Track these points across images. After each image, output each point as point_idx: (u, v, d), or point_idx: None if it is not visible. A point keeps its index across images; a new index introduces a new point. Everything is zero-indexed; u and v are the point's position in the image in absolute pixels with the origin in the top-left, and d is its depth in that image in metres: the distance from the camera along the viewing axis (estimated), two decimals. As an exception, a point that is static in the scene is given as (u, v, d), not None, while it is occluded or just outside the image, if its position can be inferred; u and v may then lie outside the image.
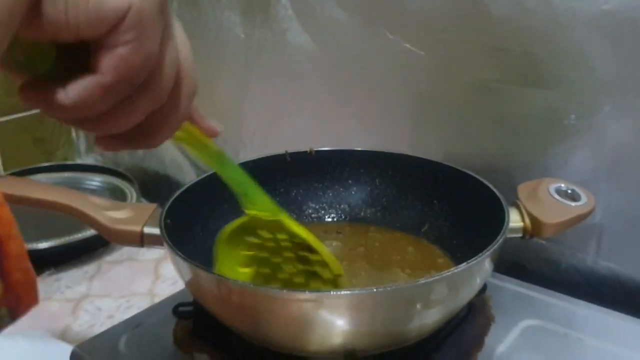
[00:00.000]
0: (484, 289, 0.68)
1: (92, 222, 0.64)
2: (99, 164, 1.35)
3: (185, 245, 0.66)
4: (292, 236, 0.57)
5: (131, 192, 1.18)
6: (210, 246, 0.71)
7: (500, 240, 0.58)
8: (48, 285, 1.04)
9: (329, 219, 0.81)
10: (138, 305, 0.95)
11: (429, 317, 0.56)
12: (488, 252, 0.56)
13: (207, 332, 0.65)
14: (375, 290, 0.51)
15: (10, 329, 0.31)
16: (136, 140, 0.38)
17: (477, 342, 0.65)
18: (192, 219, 0.70)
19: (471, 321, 0.68)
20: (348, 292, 0.52)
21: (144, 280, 1.05)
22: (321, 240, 0.65)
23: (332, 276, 0.57)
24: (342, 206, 0.81)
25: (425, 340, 0.60)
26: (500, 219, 0.63)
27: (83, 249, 1.12)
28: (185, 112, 0.38)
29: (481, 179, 0.70)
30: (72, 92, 0.32)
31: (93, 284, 1.05)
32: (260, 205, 0.56)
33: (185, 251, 0.64)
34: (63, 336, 0.92)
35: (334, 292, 0.52)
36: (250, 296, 0.54)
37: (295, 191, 0.81)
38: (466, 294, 0.59)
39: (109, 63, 0.32)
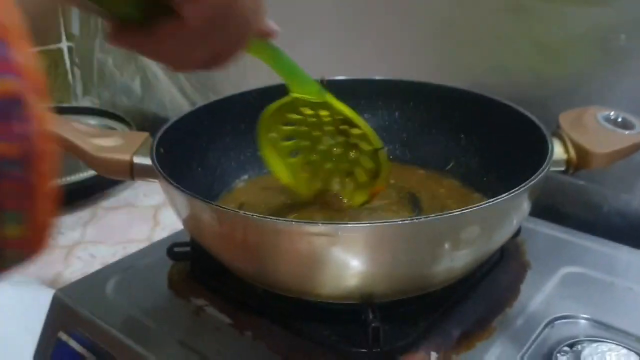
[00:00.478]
0: (517, 232, 0.60)
1: (75, 150, 0.56)
2: (96, 106, 1.27)
3: (181, 180, 0.59)
4: (335, 113, 0.56)
5: (129, 134, 1.10)
6: (210, 183, 0.64)
7: (542, 173, 0.50)
8: (40, 231, 0.97)
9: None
10: (135, 252, 0.88)
11: (457, 259, 0.48)
12: (528, 185, 0.48)
13: (205, 274, 0.58)
14: (399, 222, 0.43)
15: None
16: (210, 65, 0.41)
17: (512, 289, 0.57)
18: (189, 151, 0.62)
19: (504, 267, 0.60)
20: (366, 224, 0.44)
21: (142, 227, 0.98)
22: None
23: (371, 148, 0.57)
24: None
25: (452, 287, 0.53)
26: (540, 150, 0.55)
27: (77, 193, 1.04)
28: (255, 29, 0.41)
29: (517, 107, 0.61)
30: (160, 36, 0.36)
31: (87, 230, 0.98)
32: (308, 90, 0.55)
33: (181, 186, 0.57)
34: (53, 284, 0.85)
35: (351, 225, 0.44)
36: (254, 229, 0.46)
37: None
38: (500, 235, 0.51)
39: (195, 9, 0.35)
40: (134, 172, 0.56)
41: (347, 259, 0.45)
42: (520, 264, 0.60)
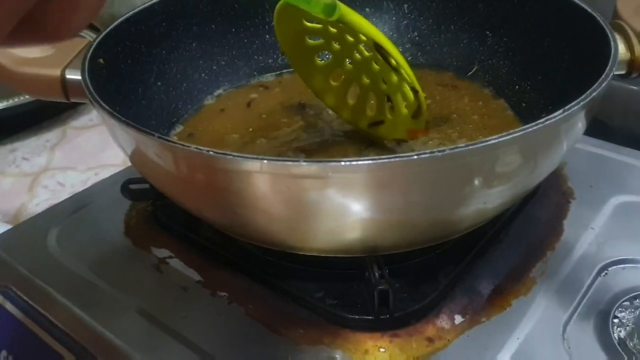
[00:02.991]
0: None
1: (-12, 65, 0.43)
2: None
3: (131, 101, 0.46)
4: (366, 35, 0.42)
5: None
6: (172, 102, 0.51)
7: (606, 80, 0.37)
8: (1, 157, 0.85)
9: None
10: (110, 179, 0.76)
11: (490, 199, 0.36)
12: (588, 99, 0.35)
13: (170, 219, 0.47)
14: (413, 157, 0.30)
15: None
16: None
17: (553, 228, 0.45)
18: (143, 61, 0.49)
19: (542, 199, 0.48)
20: (367, 161, 0.31)
21: (117, 149, 0.85)
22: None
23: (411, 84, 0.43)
24: (357, 45, 0.59)
25: (479, 230, 0.41)
26: (595, 49, 0.42)
27: (44, 112, 0.92)
28: None
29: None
30: None
31: (55, 155, 0.86)
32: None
33: (131, 109, 0.45)
34: (16, 219, 0.75)
35: (345, 163, 0.31)
36: (217, 171, 0.34)
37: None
38: (547, 165, 0.39)
39: None
40: (68, 92, 0.43)
41: (344, 205, 0.33)
42: (561, 194, 0.49)
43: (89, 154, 0.86)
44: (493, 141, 0.31)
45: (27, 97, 0.88)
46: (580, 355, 0.37)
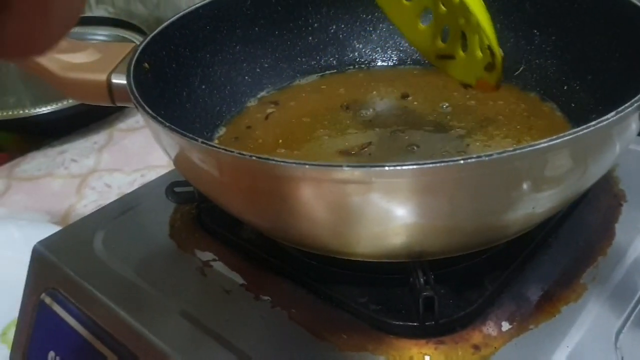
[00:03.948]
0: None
1: (38, 70, 0.44)
2: (111, 15, 1.14)
3: (175, 105, 0.47)
4: None
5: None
6: (216, 105, 0.51)
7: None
8: (50, 159, 0.88)
9: (383, 63, 0.59)
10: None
11: (539, 204, 0.35)
12: (640, 101, 0.34)
13: (216, 221, 0.47)
14: (460, 161, 0.30)
15: (3, 211, 0.16)
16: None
17: (605, 232, 0.44)
18: (187, 65, 0.50)
19: (592, 202, 0.46)
20: (411, 166, 0.31)
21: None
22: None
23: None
24: (400, 44, 0.59)
25: (527, 235, 0.40)
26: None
27: (91, 115, 0.94)
28: None
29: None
30: None
31: (103, 157, 0.88)
32: None
33: (175, 112, 0.45)
34: (64, 220, 0.76)
35: (390, 168, 0.31)
36: (258, 175, 0.34)
37: (334, 27, 0.58)
38: (598, 169, 0.37)
39: None
40: (114, 96, 0.44)
41: (388, 210, 0.33)
42: (612, 197, 0.47)
43: (135, 156, 0.87)
44: (543, 145, 0.30)
45: (74, 100, 0.91)
46: (634, 365, 0.35)
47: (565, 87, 0.50)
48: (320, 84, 0.57)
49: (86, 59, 0.46)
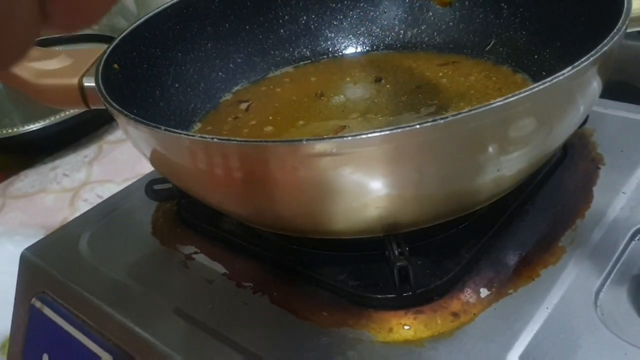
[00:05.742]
0: (584, 120, 0.47)
1: (10, 80, 0.45)
2: (94, 31, 1.15)
3: (148, 103, 0.47)
4: None
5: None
6: (190, 102, 0.52)
7: (616, 36, 0.36)
8: (43, 175, 0.88)
9: (356, 50, 0.59)
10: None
11: (507, 166, 0.35)
12: (598, 55, 0.34)
13: (195, 215, 0.47)
14: (423, 125, 0.30)
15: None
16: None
17: (582, 195, 0.44)
18: (158, 65, 0.50)
19: (570, 167, 0.47)
20: (378, 132, 0.31)
21: (152, 159, 0.88)
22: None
23: None
24: (371, 30, 0.59)
25: (503, 201, 0.40)
26: (611, 4, 0.40)
27: (81, 129, 0.95)
28: None
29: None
30: None
31: (93, 169, 0.89)
32: None
33: (149, 111, 0.46)
34: (59, 233, 0.77)
35: (358, 137, 0.31)
36: (232, 158, 0.34)
37: (305, 17, 0.59)
38: (563, 128, 0.37)
39: None
40: (87, 99, 0.44)
41: (356, 182, 0.33)
42: (590, 161, 0.47)
43: (125, 166, 0.88)
44: (498, 103, 0.31)
45: (63, 115, 0.91)
46: (615, 321, 0.35)
47: (535, 57, 0.50)
48: (294, 74, 0.57)
49: (58, 65, 0.46)
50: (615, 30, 0.35)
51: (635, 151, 0.47)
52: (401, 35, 0.58)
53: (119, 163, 0.89)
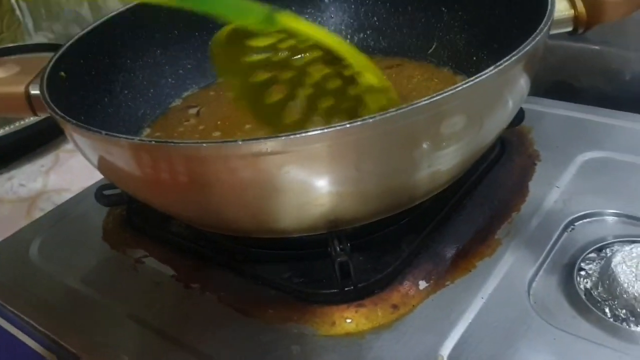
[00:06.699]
0: (520, 117, 0.49)
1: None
2: (51, 41, 1.14)
3: (97, 109, 0.48)
4: (304, 40, 0.39)
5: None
6: (140, 109, 0.52)
7: (539, 35, 0.37)
8: (-1, 186, 0.88)
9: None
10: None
11: (441, 162, 0.37)
12: (521, 53, 0.36)
13: (144, 220, 0.48)
14: (349, 125, 0.31)
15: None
16: None
17: (518, 189, 0.46)
18: (107, 72, 0.51)
19: (506, 164, 0.48)
20: (311, 132, 0.32)
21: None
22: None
23: (376, 82, 0.39)
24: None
25: (441, 197, 0.42)
26: (539, 8, 0.42)
27: (37, 138, 0.94)
28: None
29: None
30: None
31: (50, 178, 0.88)
32: (251, 19, 0.37)
33: (97, 118, 0.46)
34: (15, 243, 0.76)
35: (292, 136, 0.32)
36: (179, 160, 0.34)
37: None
38: (493, 123, 0.39)
39: None
40: (34, 107, 0.45)
41: (298, 181, 0.34)
42: (526, 157, 0.49)
43: (82, 174, 0.87)
44: (424, 102, 0.32)
45: (18, 124, 0.91)
46: (546, 309, 0.37)
47: (474, 58, 0.52)
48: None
49: (4, 73, 0.47)
50: (537, 31, 0.37)
51: (570, 147, 0.49)
52: (348, 40, 0.59)
53: (75, 172, 0.88)
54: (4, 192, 0.87)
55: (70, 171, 0.89)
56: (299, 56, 0.42)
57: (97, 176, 0.84)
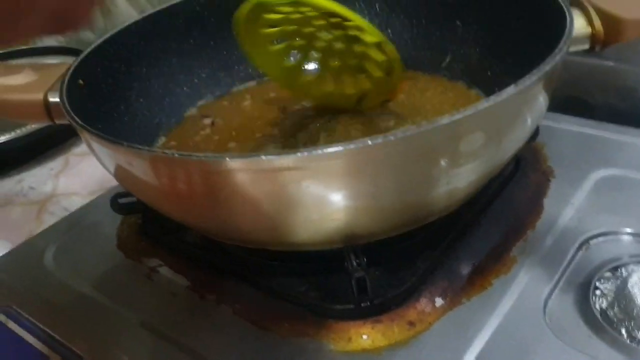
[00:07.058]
0: (535, 134, 0.49)
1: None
2: (61, 44, 1.14)
3: (113, 117, 0.48)
4: (316, 8, 0.44)
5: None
6: (155, 117, 0.52)
7: (559, 54, 0.38)
8: (8, 188, 0.88)
9: (315, 65, 0.60)
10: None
11: (459, 179, 0.37)
12: (542, 72, 0.36)
13: (160, 228, 0.48)
14: (370, 142, 0.31)
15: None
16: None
17: (533, 207, 0.46)
18: (123, 80, 0.51)
19: (521, 180, 0.49)
20: (333, 148, 0.32)
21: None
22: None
23: (374, 40, 0.45)
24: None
25: (456, 214, 0.42)
26: (555, 26, 0.42)
27: (47, 141, 0.94)
28: None
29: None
30: None
31: (60, 182, 0.88)
32: None
33: (113, 125, 0.46)
34: (24, 246, 0.77)
35: (314, 152, 0.32)
36: (194, 173, 0.35)
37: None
38: (512, 141, 0.39)
39: None
40: (52, 114, 0.45)
41: (317, 196, 0.34)
42: (540, 174, 0.49)
43: (92, 179, 0.88)
44: (445, 121, 0.32)
45: (29, 128, 0.91)
46: (562, 328, 0.37)
47: (488, 73, 0.52)
48: (257, 89, 0.58)
49: (23, 80, 0.47)
50: (556, 50, 0.37)
51: (584, 163, 0.49)
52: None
53: (85, 176, 0.89)
54: (14, 194, 0.87)
55: (80, 175, 0.89)
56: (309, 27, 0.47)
57: (107, 181, 0.85)
